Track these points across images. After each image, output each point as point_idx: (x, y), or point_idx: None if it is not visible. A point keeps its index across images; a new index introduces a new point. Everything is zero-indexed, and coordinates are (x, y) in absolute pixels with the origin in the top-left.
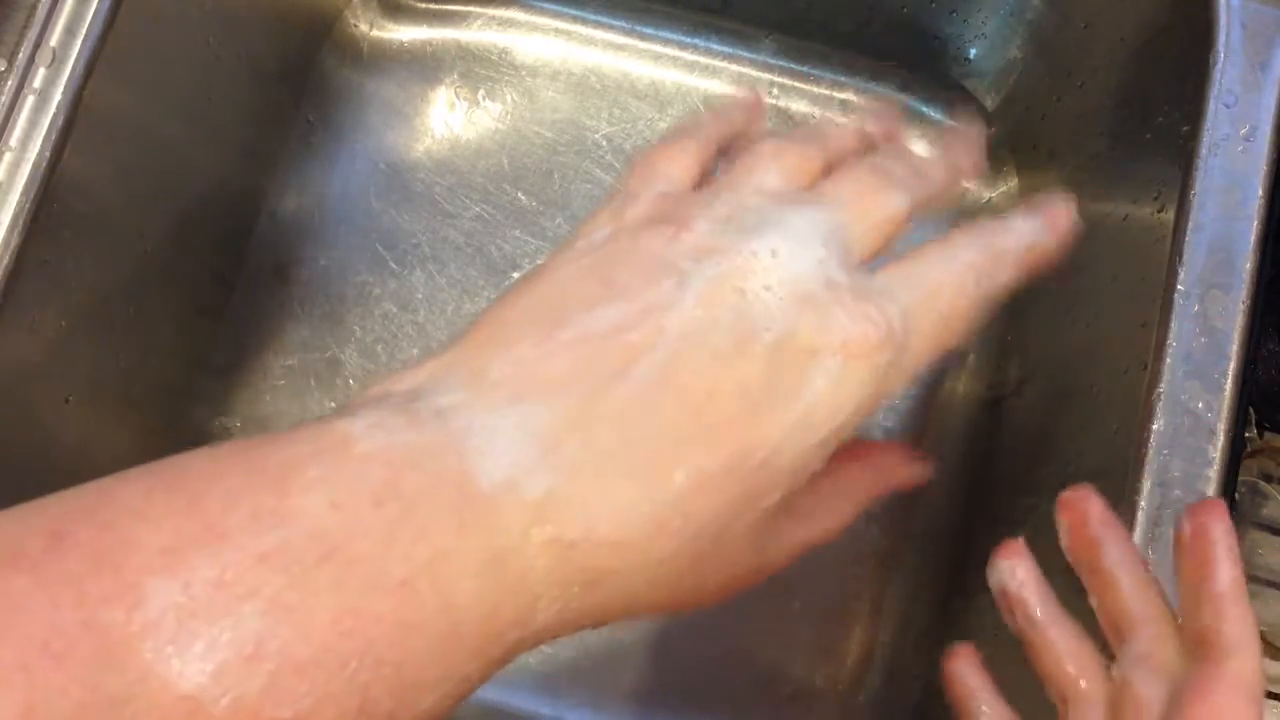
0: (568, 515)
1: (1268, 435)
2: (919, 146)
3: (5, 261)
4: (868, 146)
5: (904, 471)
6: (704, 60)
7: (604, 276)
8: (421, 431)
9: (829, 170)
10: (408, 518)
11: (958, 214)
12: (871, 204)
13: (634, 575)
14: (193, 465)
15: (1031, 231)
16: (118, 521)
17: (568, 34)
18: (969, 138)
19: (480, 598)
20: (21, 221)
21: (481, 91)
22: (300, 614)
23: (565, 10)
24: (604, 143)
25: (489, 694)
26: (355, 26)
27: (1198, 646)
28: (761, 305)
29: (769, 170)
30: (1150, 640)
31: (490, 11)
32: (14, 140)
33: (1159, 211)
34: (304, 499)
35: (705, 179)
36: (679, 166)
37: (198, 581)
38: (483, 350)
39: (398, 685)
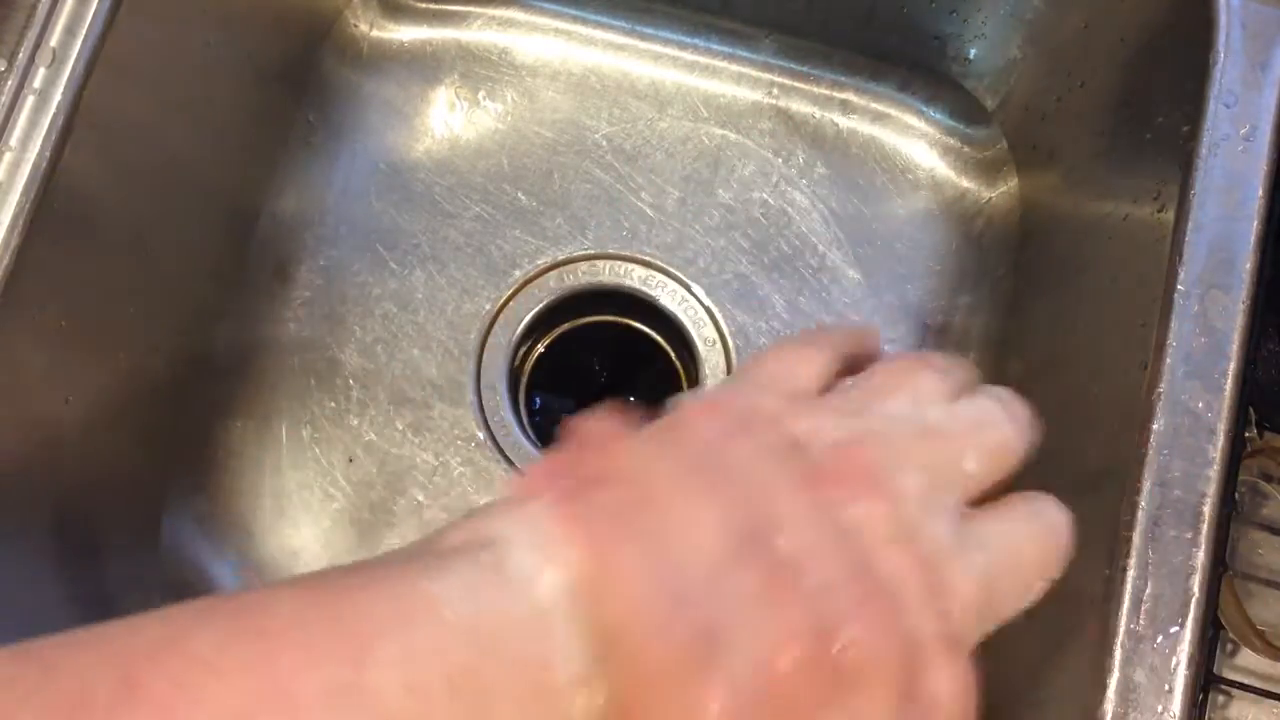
0: None
1: (1268, 435)
2: (918, 147)
3: (5, 261)
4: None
5: None
6: (704, 60)
7: (710, 483)
8: (508, 600)
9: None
10: (479, 711)
11: (956, 214)
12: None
13: None
14: (271, 610)
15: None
16: (189, 674)
17: (568, 34)
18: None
19: None
20: (21, 221)
21: (481, 91)
22: None
23: (565, 10)
24: (604, 143)
25: None
26: (355, 26)
27: None
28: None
29: (906, 396)
30: None
31: (490, 11)
32: (14, 140)
33: (1159, 211)
34: (379, 675)
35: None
36: (811, 374)
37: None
38: (568, 526)
39: None
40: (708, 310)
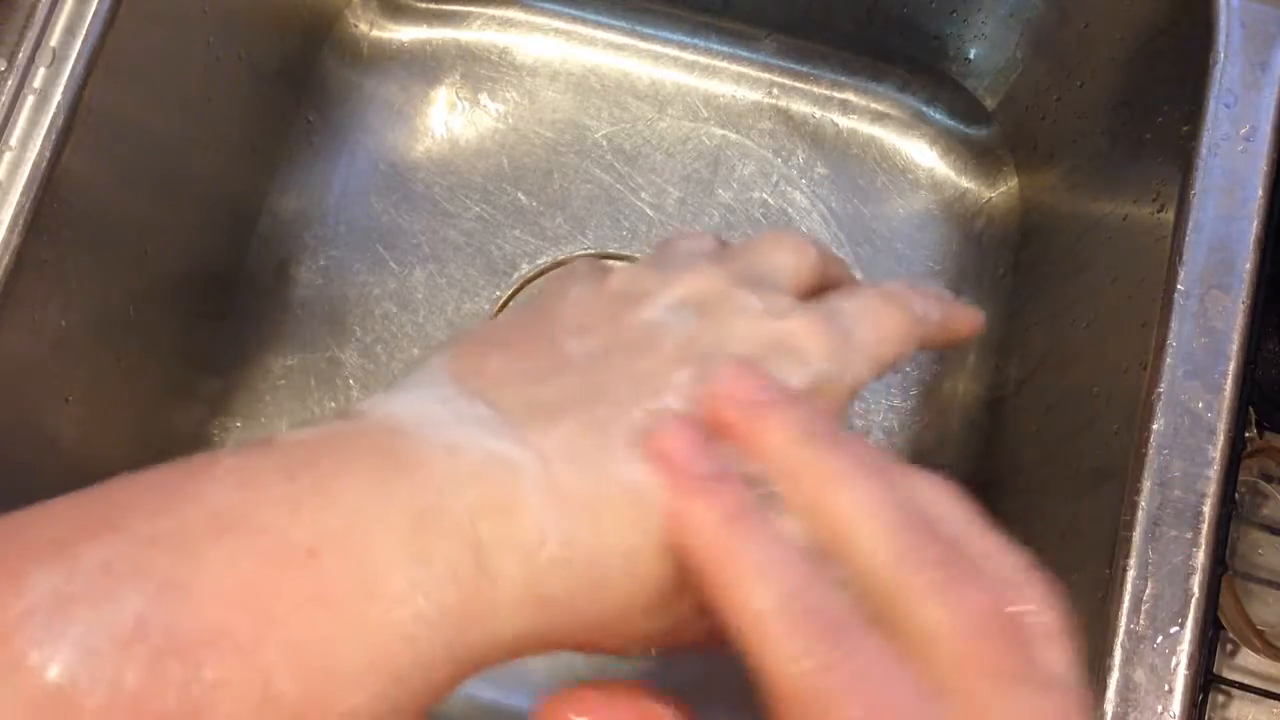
0: (506, 497)
1: (1268, 435)
2: (918, 147)
3: (5, 261)
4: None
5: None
6: (704, 60)
7: (579, 323)
8: (355, 420)
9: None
10: (323, 487)
11: (956, 214)
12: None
13: (598, 577)
14: (121, 478)
15: (948, 309)
16: (18, 523)
17: (568, 34)
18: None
19: (412, 564)
20: (21, 221)
21: (482, 92)
22: (190, 592)
23: (565, 10)
24: (604, 143)
25: (489, 693)
26: (355, 26)
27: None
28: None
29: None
30: None
31: (490, 11)
32: (14, 140)
33: (1159, 211)
34: (212, 482)
35: None
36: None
37: (81, 568)
38: (427, 365)
39: (305, 670)
40: None
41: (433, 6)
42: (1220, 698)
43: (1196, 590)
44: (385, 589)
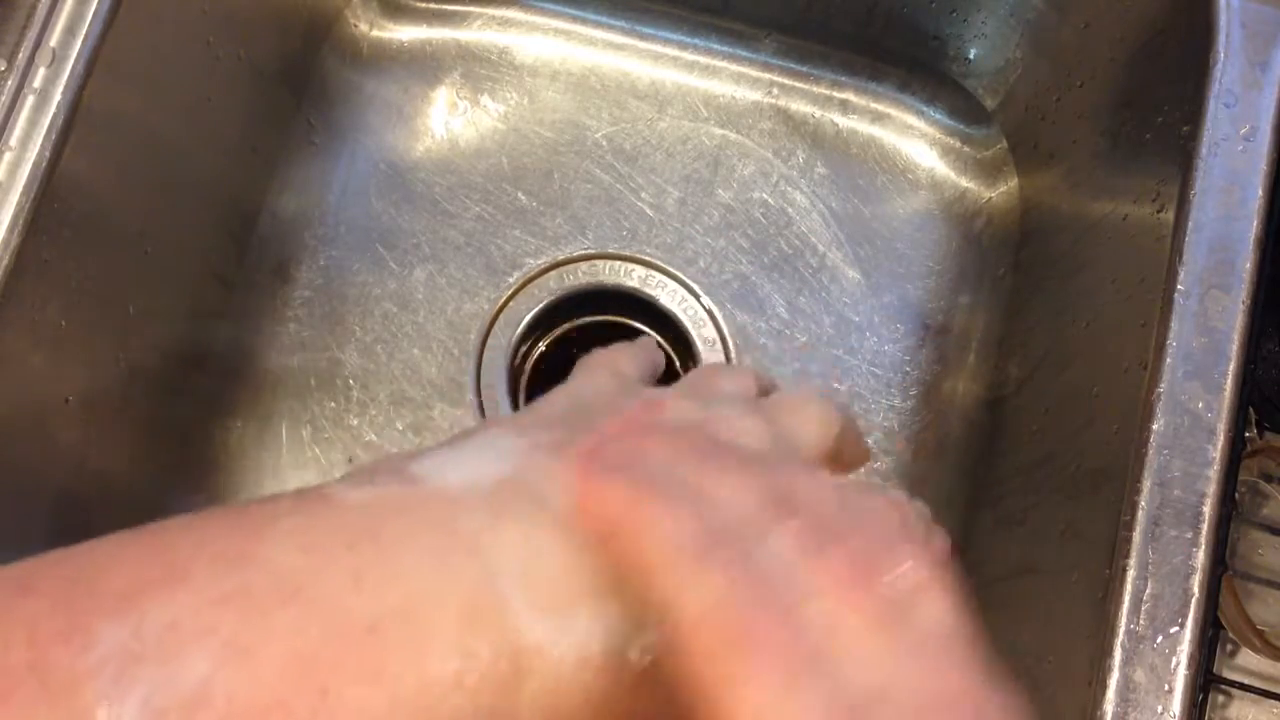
0: (563, 584)
1: (1268, 435)
2: (918, 147)
3: (5, 261)
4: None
5: None
6: (704, 60)
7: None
8: (409, 486)
9: None
10: (382, 560)
11: (956, 214)
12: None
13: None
14: (177, 521)
15: None
16: (83, 571)
17: (568, 34)
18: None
19: (459, 657)
20: (21, 221)
21: (482, 92)
22: (254, 658)
23: (565, 10)
24: (604, 143)
25: None
26: (355, 26)
27: None
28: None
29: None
30: None
31: (490, 11)
32: (14, 140)
33: (1159, 211)
34: (274, 544)
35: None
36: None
37: (149, 624)
38: (484, 433)
39: None
40: (707, 310)
41: (433, 6)
42: (1220, 698)
43: (1196, 590)
44: (435, 676)
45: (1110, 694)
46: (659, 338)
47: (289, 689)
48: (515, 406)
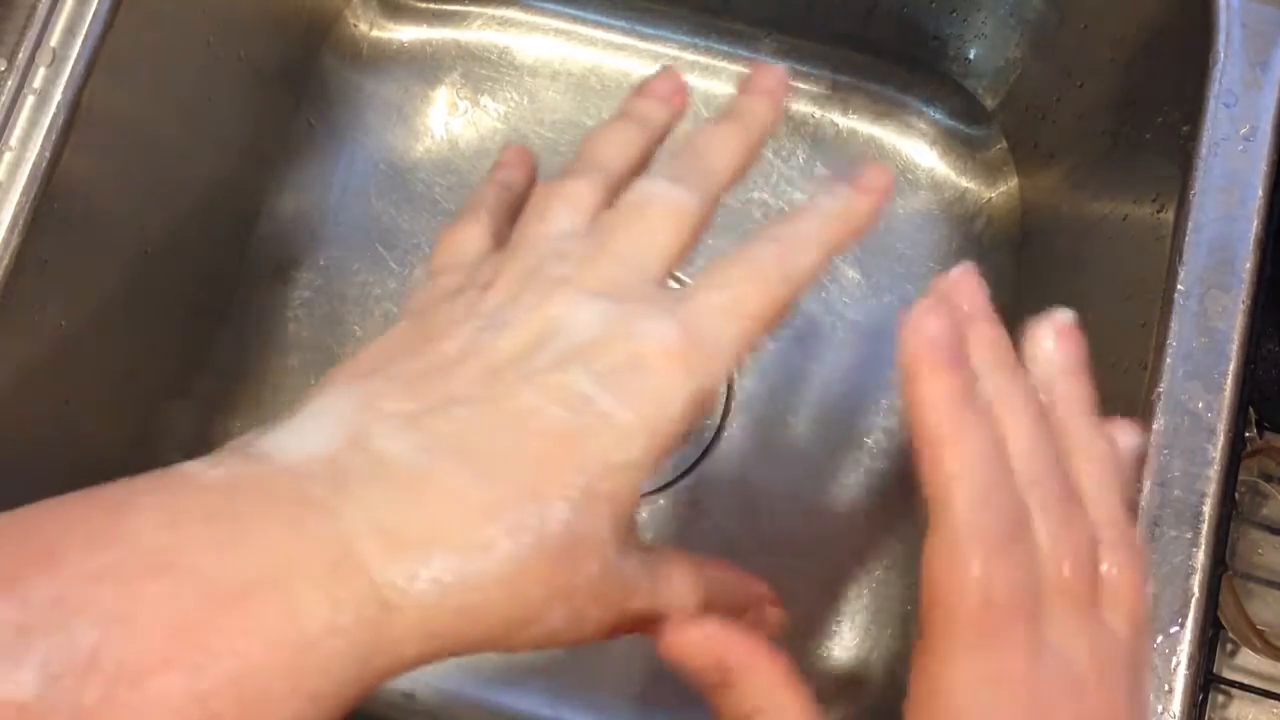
0: (402, 543)
1: (1268, 435)
2: (918, 147)
3: (5, 261)
4: (658, 131)
5: (761, 608)
6: (704, 60)
7: (423, 334)
8: (258, 464)
9: (615, 190)
10: (244, 532)
11: (956, 214)
12: (654, 224)
13: (482, 601)
14: (38, 507)
15: (834, 205)
16: None
17: (568, 34)
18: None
19: (328, 608)
20: (21, 221)
21: (482, 92)
22: (136, 625)
23: (565, 10)
24: None
25: (489, 694)
26: (355, 26)
27: None
28: (568, 338)
29: (555, 215)
30: None
31: (490, 11)
32: (14, 140)
33: (1159, 211)
34: (138, 520)
35: (501, 240)
36: (473, 237)
37: (34, 600)
38: (317, 400)
39: (240, 696)
40: None
41: (433, 6)
42: (1220, 698)
43: (1196, 590)
44: (307, 629)
45: None
46: None
47: (172, 649)
48: None
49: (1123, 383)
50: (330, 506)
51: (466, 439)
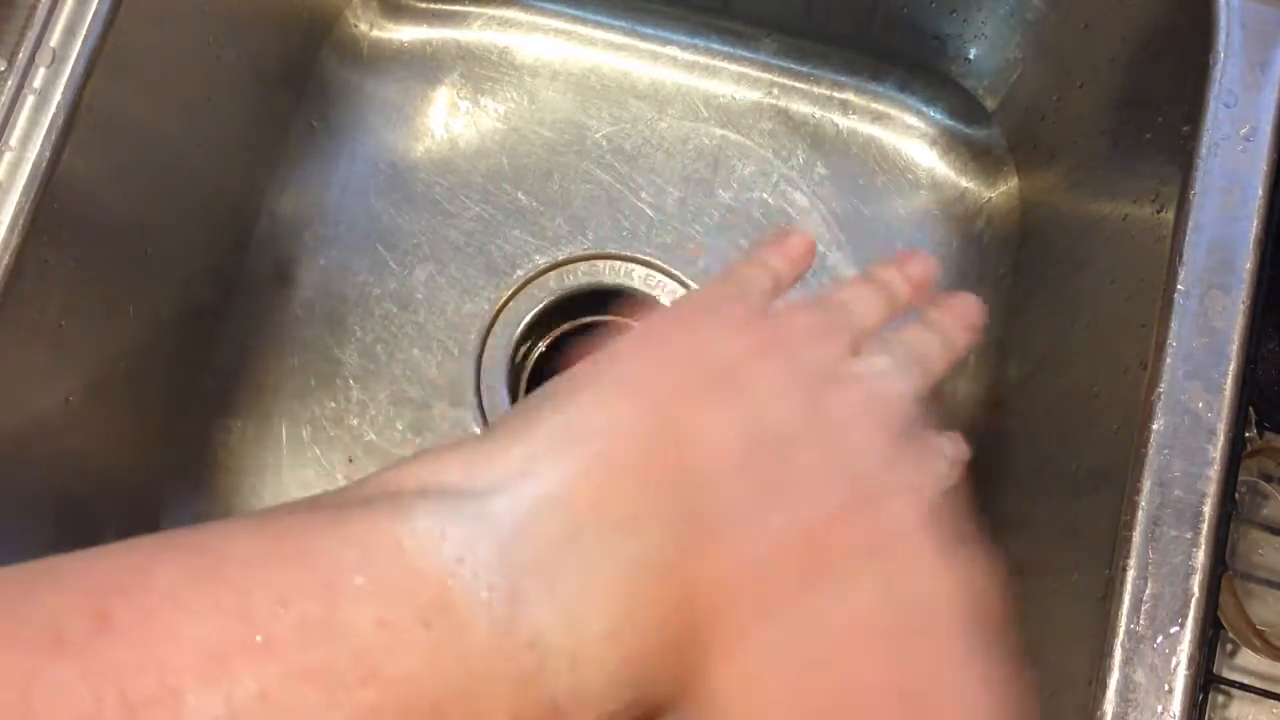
0: (588, 656)
1: (1268, 435)
2: (918, 147)
3: (5, 261)
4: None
5: None
6: (704, 60)
7: (704, 373)
8: (475, 548)
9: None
10: (452, 641)
11: (956, 214)
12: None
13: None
14: (235, 547)
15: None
16: (160, 610)
17: (568, 34)
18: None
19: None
20: (21, 221)
21: (482, 92)
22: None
23: (565, 10)
24: (604, 143)
25: None
26: (355, 27)
27: None
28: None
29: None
30: None
31: (490, 11)
32: (14, 140)
33: (1159, 211)
34: (352, 612)
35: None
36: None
37: (240, 694)
38: (538, 436)
39: None
40: None
41: (433, 6)
42: (1220, 698)
43: (1196, 590)
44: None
45: (1110, 694)
46: None
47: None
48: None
49: (1123, 383)
50: (523, 608)
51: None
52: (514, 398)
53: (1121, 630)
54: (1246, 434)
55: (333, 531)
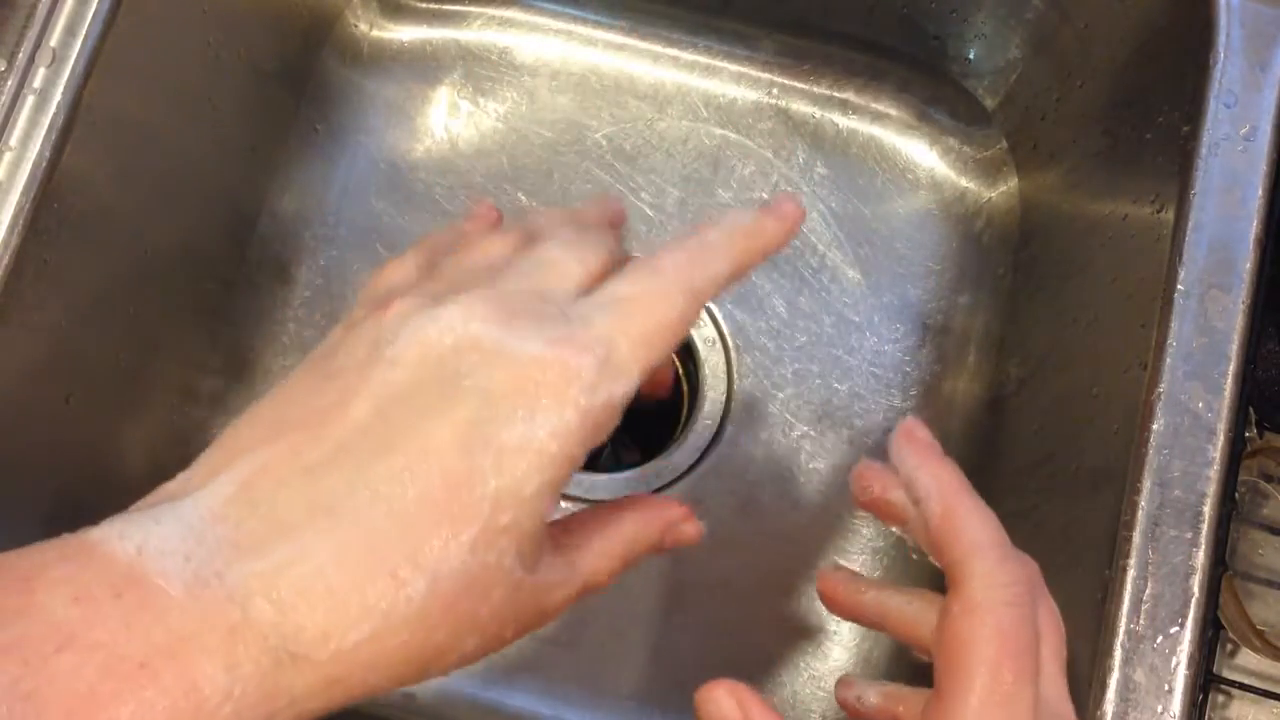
0: (294, 601)
1: (1268, 435)
2: (918, 148)
3: (5, 261)
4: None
5: (677, 531)
6: (704, 60)
7: (324, 371)
8: (160, 531)
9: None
10: (147, 606)
11: (956, 214)
12: (570, 256)
13: (380, 650)
14: None
15: (744, 221)
16: None
17: (568, 34)
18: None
19: (225, 674)
20: (21, 221)
21: (482, 92)
22: (38, 701)
23: (565, 10)
24: (604, 143)
25: (489, 694)
26: (355, 26)
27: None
28: (457, 358)
29: (475, 251)
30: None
31: (490, 11)
32: (14, 140)
33: (1159, 211)
34: (47, 595)
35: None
36: (399, 275)
37: None
38: (216, 455)
39: None
40: (707, 310)
41: (433, 6)
42: (1220, 698)
43: (1196, 590)
44: (206, 696)
45: (1110, 694)
46: None
47: None
48: None
49: (1123, 383)
50: (227, 572)
51: (355, 491)
52: None
53: (1121, 630)
54: (1246, 434)
55: (36, 547)
